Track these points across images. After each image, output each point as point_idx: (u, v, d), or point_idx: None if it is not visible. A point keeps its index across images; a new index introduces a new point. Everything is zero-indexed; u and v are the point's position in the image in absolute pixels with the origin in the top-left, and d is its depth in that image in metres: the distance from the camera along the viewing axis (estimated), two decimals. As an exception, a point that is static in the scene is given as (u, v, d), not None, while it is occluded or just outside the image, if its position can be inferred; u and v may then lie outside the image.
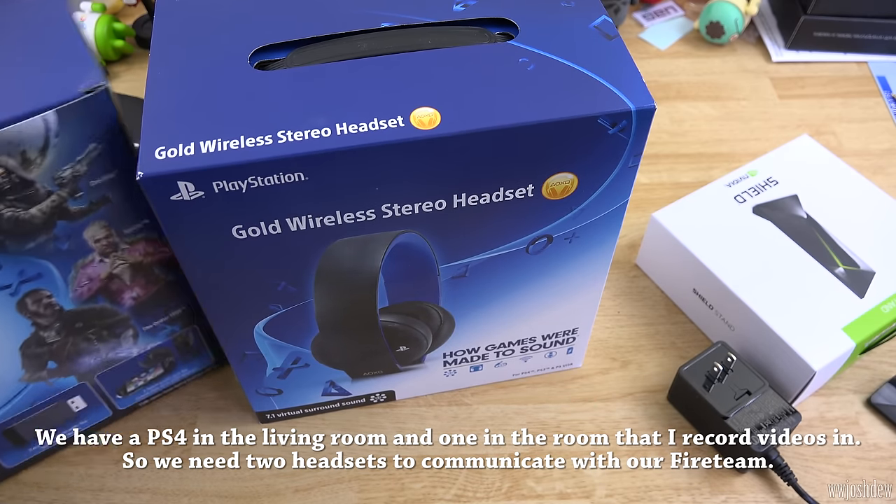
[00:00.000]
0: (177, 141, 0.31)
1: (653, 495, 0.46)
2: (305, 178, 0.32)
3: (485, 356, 0.48)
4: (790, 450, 0.47)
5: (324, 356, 0.44)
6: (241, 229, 0.34)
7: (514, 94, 0.33)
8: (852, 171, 0.55)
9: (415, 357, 0.46)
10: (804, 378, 0.46)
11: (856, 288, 0.49)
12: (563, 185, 0.36)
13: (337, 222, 0.35)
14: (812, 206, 0.53)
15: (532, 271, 0.41)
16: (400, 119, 0.32)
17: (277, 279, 0.37)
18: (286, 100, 0.32)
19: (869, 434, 0.48)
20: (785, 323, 0.47)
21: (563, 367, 0.51)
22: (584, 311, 0.46)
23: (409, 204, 0.35)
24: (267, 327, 0.41)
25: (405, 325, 0.43)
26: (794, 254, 0.51)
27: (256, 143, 0.31)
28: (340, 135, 0.31)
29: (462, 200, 0.35)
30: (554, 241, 0.39)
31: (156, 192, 0.31)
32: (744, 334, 0.49)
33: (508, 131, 0.32)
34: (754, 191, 0.54)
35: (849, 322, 0.47)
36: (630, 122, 0.33)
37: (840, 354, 0.46)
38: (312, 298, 0.39)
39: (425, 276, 0.40)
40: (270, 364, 0.44)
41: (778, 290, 0.49)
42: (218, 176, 0.31)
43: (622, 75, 0.34)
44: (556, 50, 0.35)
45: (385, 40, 0.36)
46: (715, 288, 0.50)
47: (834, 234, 0.52)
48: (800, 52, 0.75)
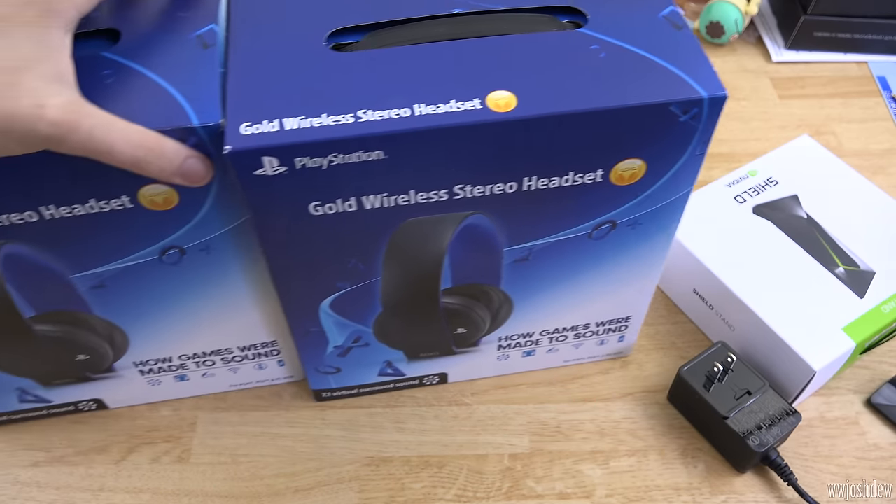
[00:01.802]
0: (261, 117, 0.32)
1: (653, 495, 0.46)
2: (384, 157, 0.33)
3: (538, 342, 0.48)
4: (790, 450, 0.47)
5: (384, 335, 0.45)
6: (318, 206, 0.35)
7: (587, 80, 0.33)
8: (852, 171, 0.55)
9: (471, 340, 0.47)
10: (804, 378, 0.46)
11: (856, 288, 0.49)
12: (631, 171, 0.36)
13: (410, 202, 0.35)
14: (812, 206, 0.53)
15: (593, 257, 0.42)
16: (477, 101, 0.32)
17: (348, 256, 0.38)
18: (365, 80, 0.33)
19: (869, 434, 0.48)
20: (785, 323, 0.47)
21: (612, 354, 0.52)
22: (638, 299, 0.47)
23: (481, 185, 0.35)
24: (333, 304, 0.41)
25: (465, 306, 0.44)
26: (795, 254, 0.51)
27: (338, 121, 0.32)
28: (419, 115, 0.32)
29: (532, 184, 0.36)
30: (617, 227, 0.40)
31: (241, 167, 0.32)
32: (744, 334, 0.49)
33: (583, 116, 0.33)
34: (754, 191, 0.54)
35: (849, 322, 0.47)
36: (701, 109, 0.34)
37: (840, 354, 0.46)
38: (379, 277, 0.40)
39: (489, 259, 0.41)
40: (332, 342, 0.44)
41: (778, 291, 0.49)
42: (301, 152, 0.32)
43: (693, 64, 0.34)
44: (625, 38, 0.35)
45: (457, 26, 0.36)
46: (715, 288, 0.50)
47: (834, 235, 0.52)
48: (800, 52, 0.75)
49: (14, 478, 0.47)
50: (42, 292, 0.39)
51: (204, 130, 0.32)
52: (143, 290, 0.40)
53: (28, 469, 0.47)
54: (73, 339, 0.42)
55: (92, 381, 0.47)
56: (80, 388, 0.47)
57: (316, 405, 0.50)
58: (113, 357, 0.45)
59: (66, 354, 0.43)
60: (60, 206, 0.34)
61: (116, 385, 0.47)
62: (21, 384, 0.46)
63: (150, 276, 0.39)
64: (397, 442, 0.48)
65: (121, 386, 0.48)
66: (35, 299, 0.39)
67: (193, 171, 0.32)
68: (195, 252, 0.38)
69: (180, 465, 0.47)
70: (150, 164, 0.30)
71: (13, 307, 0.39)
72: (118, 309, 0.41)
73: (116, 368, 0.46)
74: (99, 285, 0.39)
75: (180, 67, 0.33)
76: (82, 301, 0.40)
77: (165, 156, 0.31)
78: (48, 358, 0.43)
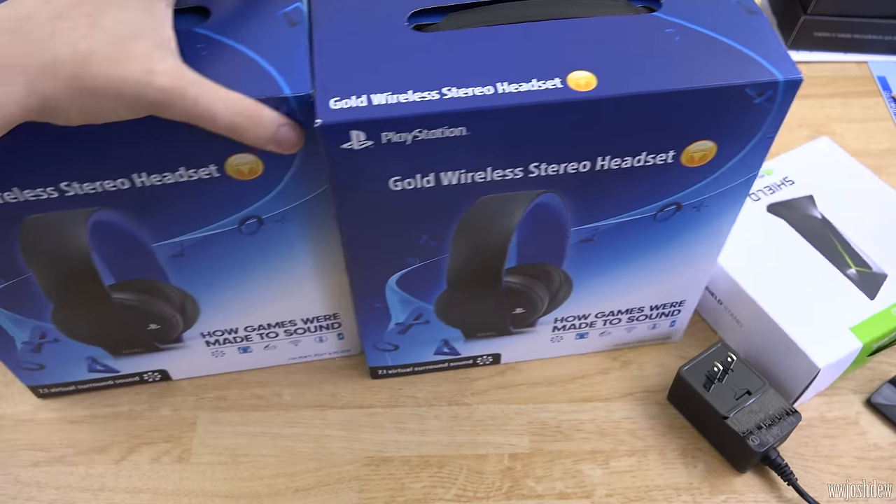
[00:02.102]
0: (350, 93, 0.33)
1: (653, 495, 0.46)
2: (466, 134, 0.34)
3: (592, 324, 0.49)
4: (790, 450, 0.47)
5: (445, 313, 0.46)
6: (398, 181, 0.36)
7: (663, 61, 0.34)
8: (871, 174, 0.55)
9: (528, 320, 0.47)
10: (808, 376, 0.46)
11: (867, 289, 0.49)
12: (702, 153, 0.37)
13: (486, 179, 0.36)
14: (827, 207, 0.53)
15: (656, 239, 0.42)
16: (558, 81, 0.33)
17: (421, 232, 0.39)
18: (447, 59, 0.34)
19: (869, 434, 0.48)
20: (792, 320, 0.47)
21: (662, 339, 0.52)
22: (694, 283, 0.47)
23: (556, 164, 0.36)
24: (400, 281, 0.42)
25: (526, 286, 0.44)
26: (807, 253, 0.51)
27: (424, 97, 0.33)
28: (502, 93, 0.33)
29: (605, 163, 0.37)
30: (682, 210, 0.40)
31: (330, 140, 0.33)
32: (751, 330, 0.49)
33: (661, 96, 0.33)
34: (769, 189, 0.54)
35: (857, 322, 0.47)
36: (776, 92, 0.34)
37: (846, 354, 0.46)
38: (448, 254, 0.41)
39: (555, 239, 0.41)
40: (394, 318, 0.45)
41: (787, 288, 0.49)
42: (388, 127, 0.33)
43: (767, 47, 0.35)
44: (700, 22, 0.36)
45: (534, 9, 0.37)
46: (725, 283, 0.50)
47: (848, 236, 0.51)
48: (800, 52, 0.75)
49: (14, 478, 0.47)
50: (124, 260, 0.40)
51: (295, 100, 0.33)
52: (218, 260, 0.41)
53: (28, 469, 0.47)
54: (147, 307, 0.43)
55: (159, 352, 0.48)
56: (146, 359, 0.48)
57: (316, 405, 0.50)
58: (182, 327, 0.46)
59: (138, 323, 0.44)
60: (152, 174, 0.35)
61: (182, 356, 0.49)
62: (92, 353, 0.47)
63: (227, 246, 0.40)
64: (397, 442, 0.48)
65: (186, 357, 0.49)
66: (116, 267, 0.41)
67: (286, 139, 0.33)
68: (272, 223, 0.39)
69: (180, 465, 0.47)
70: (247, 131, 0.32)
71: (96, 275, 0.41)
72: (193, 278, 0.42)
73: (184, 339, 0.47)
74: (179, 254, 0.40)
75: (269, 42, 0.35)
76: (160, 270, 0.41)
77: (263, 123, 0.32)
78: (122, 326, 0.45)
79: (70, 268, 0.40)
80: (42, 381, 0.49)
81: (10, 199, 0.35)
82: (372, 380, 0.51)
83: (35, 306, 0.42)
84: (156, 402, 0.50)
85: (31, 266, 0.39)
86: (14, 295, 0.41)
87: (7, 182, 0.35)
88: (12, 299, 0.41)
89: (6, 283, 0.40)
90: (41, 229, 0.37)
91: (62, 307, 0.42)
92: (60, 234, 0.38)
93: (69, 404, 0.50)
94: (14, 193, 0.35)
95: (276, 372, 0.52)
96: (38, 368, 0.47)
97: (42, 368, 0.47)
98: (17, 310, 0.42)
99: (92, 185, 0.35)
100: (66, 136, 0.32)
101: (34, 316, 0.43)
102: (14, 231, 0.37)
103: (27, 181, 0.35)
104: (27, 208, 0.36)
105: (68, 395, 0.50)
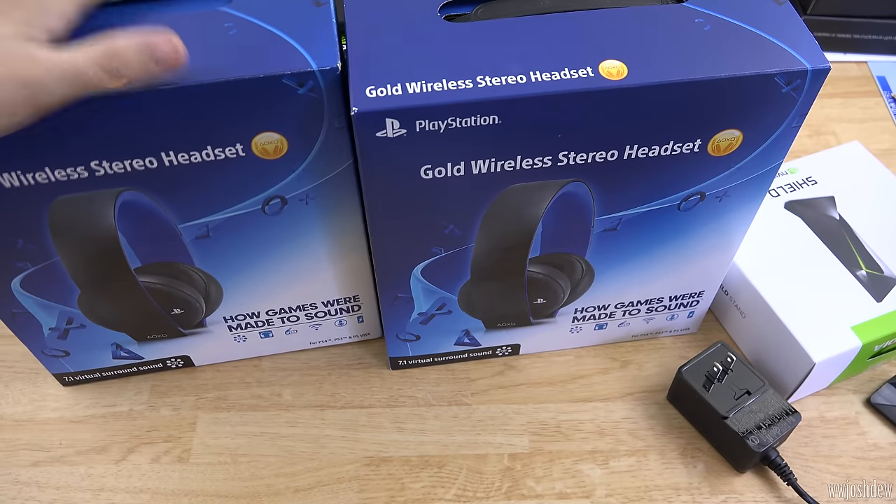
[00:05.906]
0: (384, 81, 0.33)
1: (653, 495, 0.46)
2: (498, 122, 0.34)
3: (612, 314, 0.49)
4: (790, 450, 0.47)
5: (468, 303, 0.46)
6: (428, 169, 0.36)
7: (694, 51, 0.34)
8: None
9: (549, 310, 0.47)
10: (804, 370, 0.46)
11: (875, 292, 0.49)
12: (727, 142, 0.37)
13: (515, 167, 0.37)
14: (848, 209, 0.53)
15: (679, 229, 0.43)
16: (589, 69, 0.34)
17: (448, 221, 0.39)
18: (480, 49, 0.35)
19: (869, 434, 0.48)
20: (793, 314, 0.47)
21: (680, 330, 0.53)
22: (713, 275, 0.48)
23: (585, 153, 0.37)
24: (424, 271, 0.43)
25: (548, 276, 0.44)
26: (819, 252, 0.51)
27: (458, 86, 0.33)
28: (535, 82, 0.33)
29: (633, 152, 0.37)
30: (706, 199, 0.41)
31: (364, 128, 0.33)
32: (754, 323, 0.50)
33: (691, 85, 0.34)
34: (790, 187, 0.55)
35: (859, 322, 0.47)
36: (804, 81, 0.35)
37: (843, 352, 0.46)
38: (472, 243, 0.41)
39: (579, 228, 0.41)
40: (417, 308, 0.46)
41: (794, 283, 0.49)
42: (422, 115, 0.33)
43: (796, 37, 0.35)
44: (729, 12, 0.36)
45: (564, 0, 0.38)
46: (732, 274, 0.50)
47: (864, 238, 0.51)
48: (800, 52, 0.75)
49: (14, 478, 0.47)
50: (151, 242, 0.41)
51: (321, 74, 0.33)
52: (242, 242, 0.42)
53: (28, 469, 0.47)
54: (172, 291, 0.44)
55: (182, 338, 0.48)
56: (170, 344, 0.48)
57: (316, 405, 0.50)
58: (206, 311, 0.46)
59: (164, 307, 0.45)
60: (179, 153, 0.36)
61: (204, 341, 0.49)
62: (117, 339, 0.47)
63: (251, 227, 0.41)
64: (397, 442, 0.48)
65: (208, 342, 0.49)
66: (143, 250, 0.41)
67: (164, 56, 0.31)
68: (295, 202, 0.40)
69: (180, 465, 0.47)
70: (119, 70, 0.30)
71: (123, 257, 0.41)
72: (218, 261, 0.43)
73: (207, 323, 0.47)
74: (204, 235, 0.41)
75: (296, 21, 0.35)
76: (186, 252, 0.42)
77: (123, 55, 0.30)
78: (147, 311, 0.45)
79: (98, 249, 0.40)
80: (67, 369, 0.49)
81: (41, 180, 0.35)
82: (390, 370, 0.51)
83: (62, 290, 0.42)
84: (156, 401, 0.50)
85: (60, 248, 0.39)
86: (42, 279, 0.41)
87: (39, 162, 0.35)
88: (40, 284, 0.41)
89: (34, 268, 0.40)
90: (71, 210, 0.37)
91: (89, 291, 0.43)
92: (89, 214, 0.38)
93: (70, 404, 0.50)
94: (45, 174, 0.35)
95: (276, 372, 0.52)
96: (64, 355, 0.47)
97: (67, 356, 0.47)
98: (45, 294, 0.42)
99: (121, 164, 0.36)
100: (98, 113, 0.33)
101: (61, 301, 0.43)
102: (44, 213, 0.37)
103: (59, 160, 0.35)
104: (57, 189, 0.36)
105: (92, 383, 0.50)
